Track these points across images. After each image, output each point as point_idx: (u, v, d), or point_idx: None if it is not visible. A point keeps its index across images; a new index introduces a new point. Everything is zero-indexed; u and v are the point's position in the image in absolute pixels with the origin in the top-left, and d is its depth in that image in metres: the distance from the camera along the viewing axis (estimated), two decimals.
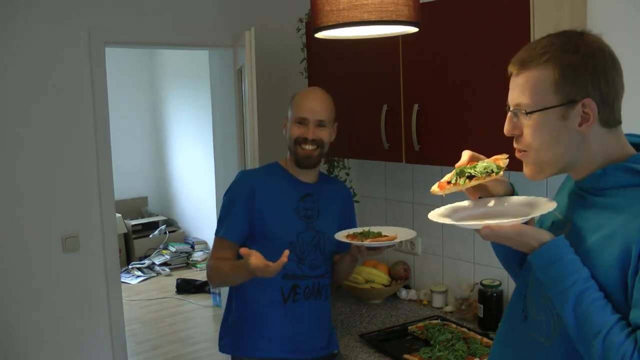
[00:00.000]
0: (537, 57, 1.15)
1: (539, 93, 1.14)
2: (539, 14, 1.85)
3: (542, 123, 1.15)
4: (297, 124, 1.99)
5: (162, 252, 6.67)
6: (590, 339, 1.06)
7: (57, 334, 2.90)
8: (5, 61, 2.71)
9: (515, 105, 1.18)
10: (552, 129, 1.15)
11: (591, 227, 1.14)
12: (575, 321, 1.08)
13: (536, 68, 1.14)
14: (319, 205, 2.06)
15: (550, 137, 1.16)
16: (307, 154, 1.99)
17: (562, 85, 1.12)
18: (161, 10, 3.11)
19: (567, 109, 1.13)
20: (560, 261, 1.11)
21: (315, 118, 1.98)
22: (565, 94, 1.13)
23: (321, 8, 1.38)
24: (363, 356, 2.13)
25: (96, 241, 3.00)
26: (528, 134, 1.17)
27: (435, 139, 2.20)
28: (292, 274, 1.98)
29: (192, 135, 6.65)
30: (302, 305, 2.00)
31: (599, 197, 1.16)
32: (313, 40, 2.44)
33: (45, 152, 2.84)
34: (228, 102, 3.53)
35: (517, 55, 1.20)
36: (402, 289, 2.75)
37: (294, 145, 2.00)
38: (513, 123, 1.20)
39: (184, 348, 4.61)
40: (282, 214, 2.00)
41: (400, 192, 2.87)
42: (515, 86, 1.19)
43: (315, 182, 2.09)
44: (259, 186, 2.00)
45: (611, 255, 1.07)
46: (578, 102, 1.12)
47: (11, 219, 2.77)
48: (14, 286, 2.78)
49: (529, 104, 1.16)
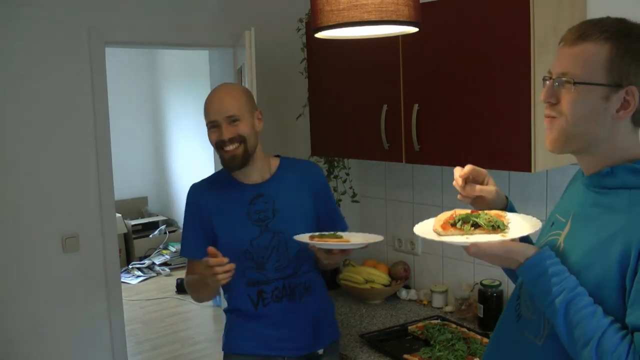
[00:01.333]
0: (598, 32, 1.14)
1: (591, 67, 1.14)
2: (539, 14, 1.86)
3: (584, 96, 1.15)
4: (211, 130, 1.91)
5: (162, 252, 6.67)
6: (584, 346, 1.06)
7: (57, 334, 2.90)
8: (5, 61, 2.71)
9: (562, 73, 1.17)
10: (591, 105, 1.15)
11: (592, 228, 1.15)
12: (567, 330, 1.09)
13: (595, 43, 1.14)
14: (274, 204, 1.95)
15: (586, 113, 1.15)
16: (230, 155, 1.89)
17: (615, 66, 1.12)
18: (161, 10, 3.11)
19: (612, 91, 1.13)
20: (545, 274, 1.12)
21: (224, 116, 1.87)
22: (615, 76, 1.12)
23: (321, 8, 1.38)
24: (363, 356, 2.13)
25: (96, 241, 3.00)
26: (567, 103, 1.16)
27: (435, 139, 2.20)
28: (254, 280, 1.94)
29: (192, 135, 6.65)
30: (274, 308, 1.95)
31: (604, 196, 1.17)
32: (313, 40, 2.44)
33: (45, 152, 2.83)
34: None
35: (575, 27, 1.19)
36: (402, 289, 2.75)
37: (218, 151, 1.92)
38: (552, 90, 1.19)
39: (184, 348, 4.61)
40: (231, 222, 1.94)
41: (400, 192, 2.87)
42: (566, 55, 1.18)
43: (266, 179, 1.99)
44: (204, 198, 1.99)
45: (611, 257, 1.08)
46: (623, 88, 1.13)
47: (11, 219, 2.77)
48: (14, 286, 2.78)
49: (579, 74, 1.14)
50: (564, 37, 1.20)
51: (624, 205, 1.12)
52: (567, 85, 1.15)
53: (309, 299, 1.99)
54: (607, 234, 1.11)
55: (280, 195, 1.97)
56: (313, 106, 2.78)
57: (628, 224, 1.08)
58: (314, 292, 2.01)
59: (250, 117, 1.93)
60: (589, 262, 1.12)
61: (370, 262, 2.85)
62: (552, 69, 1.21)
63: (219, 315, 5.07)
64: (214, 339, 4.74)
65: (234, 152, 1.89)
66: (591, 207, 1.19)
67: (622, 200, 1.13)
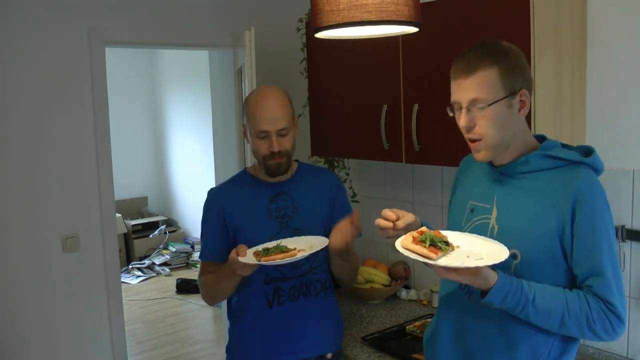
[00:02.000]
0: (482, 61, 1.40)
1: (490, 88, 1.40)
2: (539, 14, 1.85)
3: (495, 112, 1.41)
4: (259, 139, 1.90)
5: (162, 252, 6.67)
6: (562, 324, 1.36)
7: (56, 334, 2.90)
8: (5, 61, 2.71)
9: (471, 101, 1.41)
10: (502, 116, 1.42)
11: (520, 207, 1.43)
12: (545, 321, 1.37)
13: (484, 70, 1.40)
14: (294, 202, 1.98)
15: (501, 124, 1.42)
16: (276, 164, 1.91)
17: (507, 80, 1.40)
18: (161, 10, 3.11)
19: (511, 99, 1.42)
20: (509, 292, 1.35)
21: (277, 128, 1.87)
22: (508, 87, 1.41)
23: (321, 8, 1.38)
24: (363, 356, 2.13)
25: (96, 241, 3.00)
26: (483, 123, 1.42)
27: (435, 139, 2.20)
28: (272, 277, 1.94)
29: (192, 135, 6.65)
30: (289, 307, 1.95)
31: (522, 180, 1.45)
32: (313, 40, 2.44)
33: (45, 152, 2.83)
34: (228, 102, 3.52)
35: (457, 64, 1.44)
36: (402, 289, 2.75)
37: (262, 159, 1.93)
38: (469, 117, 1.43)
39: (184, 348, 4.62)
40: (252, 220, 1.95)
41: (400, 192, 2.87)
42: (466, 86, 1.41)
43: (288, 179, 2.01)
44: (227, 201, 1.99)
45: (547, 229, 1.38)
46: (517, 92, 1.42)
47: (11, 219, 2.77)
48: (14, 286, 2.78)
49: (486, 98, 1.40)
50: (453, 73, 1.45)
51: (543, 187, 1.41)
52: (480, 109, 1.40)
53: (323, 296, 2.01)
54: (536, 212, 1.40)
55: (301, 194, 2.00)
56: (313, 106, 2.78)
57: (558, 200, 1.38)
58: (328, 291, 2.04)
59: (294, 127, 1.96)
60: (528, 235, 1.40)
61: (370, 262, 2.85)
62: (457, 100, 1.44)
63: (219, 315, 5.07)
64: (213, 339, 4.74)
65: (279, 161, 1.91)
66: (512, 190, 1.46)
67: (539, 183, 1.42)
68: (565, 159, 1.42)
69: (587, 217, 1.36)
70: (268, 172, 1.95)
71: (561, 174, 1.41)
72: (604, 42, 2.01)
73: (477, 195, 1.55)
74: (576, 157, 1.42)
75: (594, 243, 1.36)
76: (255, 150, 1.94)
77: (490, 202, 1.50)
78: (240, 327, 2.02)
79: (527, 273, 1.41)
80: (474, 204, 1.55)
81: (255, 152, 1.95)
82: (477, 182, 1.58)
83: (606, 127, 2.03)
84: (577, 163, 1.42)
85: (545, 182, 1.41)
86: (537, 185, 1.42)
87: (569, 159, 1.42)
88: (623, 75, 1.98)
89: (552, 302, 1.36)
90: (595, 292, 1.36)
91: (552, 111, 1.93)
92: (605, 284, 1.35)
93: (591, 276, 1.36)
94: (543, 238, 1.39)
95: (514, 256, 1.42)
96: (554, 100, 1.94)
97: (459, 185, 1.68)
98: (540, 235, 1.39)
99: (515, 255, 1.42)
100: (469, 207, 1.56)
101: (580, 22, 2.02)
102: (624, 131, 1.99)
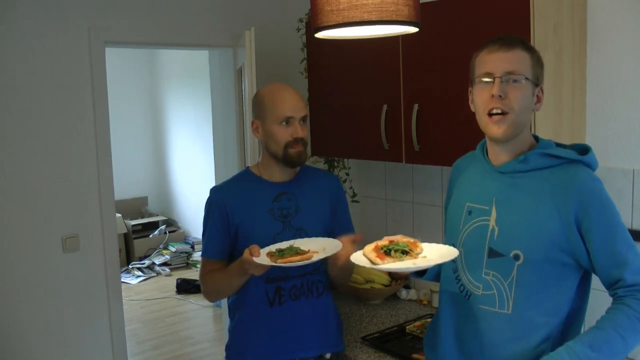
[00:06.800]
0: (519, 44, 1.44)
1: (526, 68, 1.43)
2: (539, 14, 1.85)
3: (526, 90, 1.43)
4: (281, 125, 1.91)
5: (162, 252, 6.67)
6: (625, 344, 1.33)
7: (57, 334, 2.90)
8: (5, 61, 2.71)
9: (508, 72, 1.41)
10: (529, 98, 1.45)
11: (520, 208, 1.43)
12: (613, 355, 1.33)
13: (521, 50, 1.44)
14: (297, 202, 1.98)
15: (527, 104, 1.44)
16: (298, 151, 1.92)
17: (535, 69, 1.45)
18: (161, 10, 3.11)
19: (535, 88, 1.46)
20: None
21: (300, 115, 1.93)
22: (536, 76, 1.45)
23: (321, 8, 1.38)
24: (363, 356, 2.13)
25: (96, 241, 3.00)
26: (515, 97, 1.42)
27: (435, 139, 2.20)
28: (274, 276, 1.94)
29: (192, 135, 6.65)
30: (290, 307, 1.95)
31: (520, 179, 1.46)
32: (313, 40, 2.44)
33: (45, 152, 2.84)
34: (228, 102, 3.53)
35: (494, 41, 1.45)
36: (402, 289, 2.75)
37: (284, 148, 1.92)
38: (502, 87, 1.42)
39: (184, 348, 4.62)
40: (255, 219, 1.95)
41: (400, 192, 2.87)
42: (506, 59, 1.42)
43: (291, 179, 2.02)
44: (230, 199, 1.98)
45: (550, 228, 1.38)
46: (539, 85, 1.47)
47: (11, 219, 2.77)
48: (14, 286, 2.78)
49: (523, 73, 1.42)
50: (490, 47, 1.45)
51: (544, 187, 1.41)
52: (517, 81, 1.42)
53: (324, 297, 2.02)
54: (540, 213, 1.40)
55: (303, 194, 2.01)
56: (313, 106, 2.78)
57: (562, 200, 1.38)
58: (328, 292, 2.04)
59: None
60: (531, 235, 1.40)
61: None
62: (491, 71, 1.43)
63: (219, 315, 5.07)
64: (213, 339, 4.74)
65: (301, 149, 1.93)
66: (511, 190, 1.46)
67: (540, 182, 1.43)
68: (563, 158, 1.44)
69: (598, 212, 1.37)
70: (289, 161, 1.94)
71: (559, 172, 1.42)
72: (604, 42, 2.01)
73: (474, 196, 1.55)
74: (574, 156, 1.44)
75: (611, 235, 1.37)
76: (276, 141, 1.92)
77: (488, 203, 1.50)
78: (240, 326, 2.02)
79: (531, 274, 1.40)
80: (472, 205, 1.54)
81: (275, 143, 1.93)
82: (474, 183, 1.58)
83: (606, 127, 2.03)
84: (573, 161, 1.44)
85: (544, 181, 1.42)
86: (536, 184, 1.43)
87: (567, 157, 1.44)
88: (623, 75, 1.98)
89: (602, 336, 1.33)
90: (628, 283, 1.35)
91: (552, 111, 1.93)
92: (635, 269, 1.36)
93: (616, 267, 1.36)
94: (546, 237, 1.39)
95: (516, 257, 1.42)
96: (554, 100, 1.94)
97: (455, 188, 1.67)
98: (543, 234, 1.39)
99: (517, 257, 1.41)
100: (466, 209, 1.55)
101: (580, 22, 2.02)
102: (624, 131, 1.99)
